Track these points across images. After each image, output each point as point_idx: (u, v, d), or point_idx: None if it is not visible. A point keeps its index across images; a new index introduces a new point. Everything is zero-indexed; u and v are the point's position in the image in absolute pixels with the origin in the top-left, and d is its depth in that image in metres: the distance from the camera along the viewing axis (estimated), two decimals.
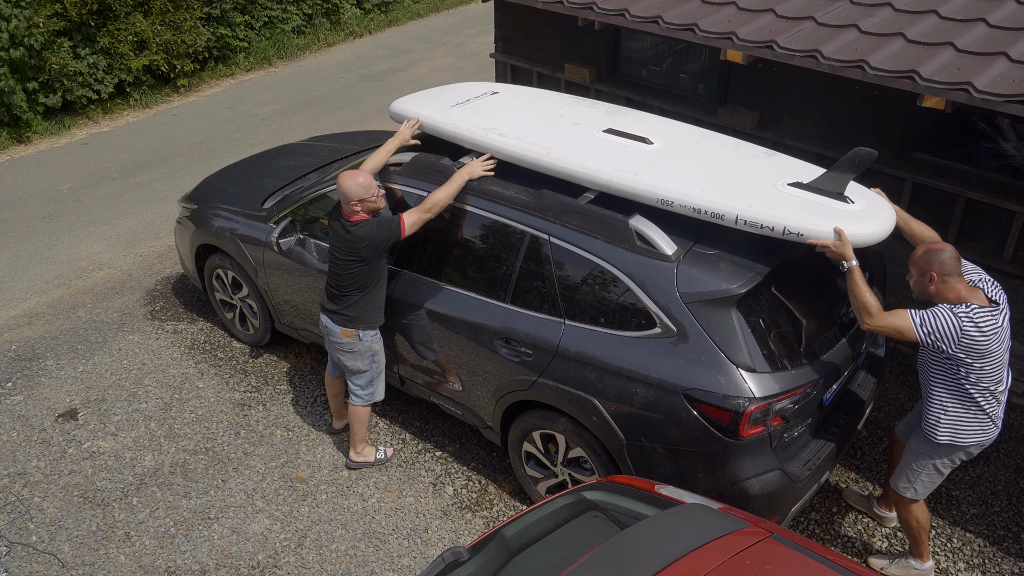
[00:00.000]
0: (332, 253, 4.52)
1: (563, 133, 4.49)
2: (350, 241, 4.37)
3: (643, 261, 3.93)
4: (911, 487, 4.00)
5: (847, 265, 3.67)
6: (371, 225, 4.35)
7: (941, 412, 3.76)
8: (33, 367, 6.04)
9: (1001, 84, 4.11)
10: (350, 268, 4.43)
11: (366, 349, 4.66)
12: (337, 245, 4.45)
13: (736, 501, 3.82)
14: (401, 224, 4.33)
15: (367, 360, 4.71)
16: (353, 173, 4.40)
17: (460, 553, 3.15)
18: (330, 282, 4.57)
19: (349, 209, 4.37)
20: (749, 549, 2.66)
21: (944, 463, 3.91)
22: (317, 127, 9.95)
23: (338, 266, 4.47)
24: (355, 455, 5.06)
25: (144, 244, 7.63)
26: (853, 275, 3.67)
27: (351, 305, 4.53)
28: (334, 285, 4.54)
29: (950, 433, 3.77)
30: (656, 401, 3.86)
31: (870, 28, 4.79)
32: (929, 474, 3.95)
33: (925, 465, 3.93)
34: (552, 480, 4.62)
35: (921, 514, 4.09)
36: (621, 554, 2.62)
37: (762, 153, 4.41)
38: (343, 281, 4.48)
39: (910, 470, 3.98)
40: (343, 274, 4.46)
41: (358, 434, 4.98)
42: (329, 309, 4.61)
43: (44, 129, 9.99)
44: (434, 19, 14.49)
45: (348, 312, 4.55)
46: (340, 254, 4.44)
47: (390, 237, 4.34)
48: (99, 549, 4.61)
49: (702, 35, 5.16)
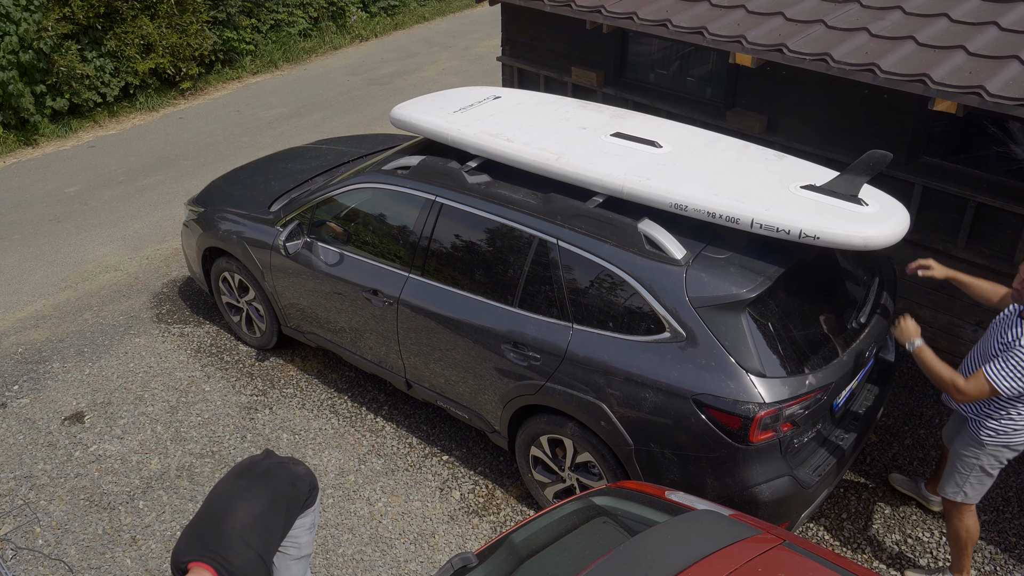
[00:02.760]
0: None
1: (571, 138, 4.47)
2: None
3: (652, 265, 3.91)
4: (960, 491, 3.90)
5: (913, 345, 3.64)
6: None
7: (986, 411, 3.70)
8: (39, 370, 6.04)
9: (1013, 88, 4.08)
10: None
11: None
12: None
13: (746, 507, 3.79)
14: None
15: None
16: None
17: (469, 559, 3.12)
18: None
19: None
20: (761, 556, 2.64)
21: (992, 464, 3.81)
22: (323, 130, 9.95)
23: None
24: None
25: (151, 247, 7.63)
26: (923, 356, 3.64)
27: None
28: None
29: (996, 432, 3.70)
30: (665, 406, 3.84)
31: (881, 32, 4.76)
32: (978, 476, 3.85)
33: (972, 467, 3.84)
34: (560, 485, 4.60)
35: (972, 523, 3.96)
36: (632, 561, 2.59)
37: (772, 156, 4.39)
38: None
39: (957, 474, 3.89)
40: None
41: None
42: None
43: (51, 132, 10.01)
44: (440, 23, 14.50)
45: None
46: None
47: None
48: (105, 553, 4.60)
49: (711, 38, 5.14)
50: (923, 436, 5.16)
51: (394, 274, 4.84)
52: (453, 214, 4.57)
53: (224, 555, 2.94)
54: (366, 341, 5.16)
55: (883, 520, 4.66)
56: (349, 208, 5.07)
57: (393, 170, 4.88)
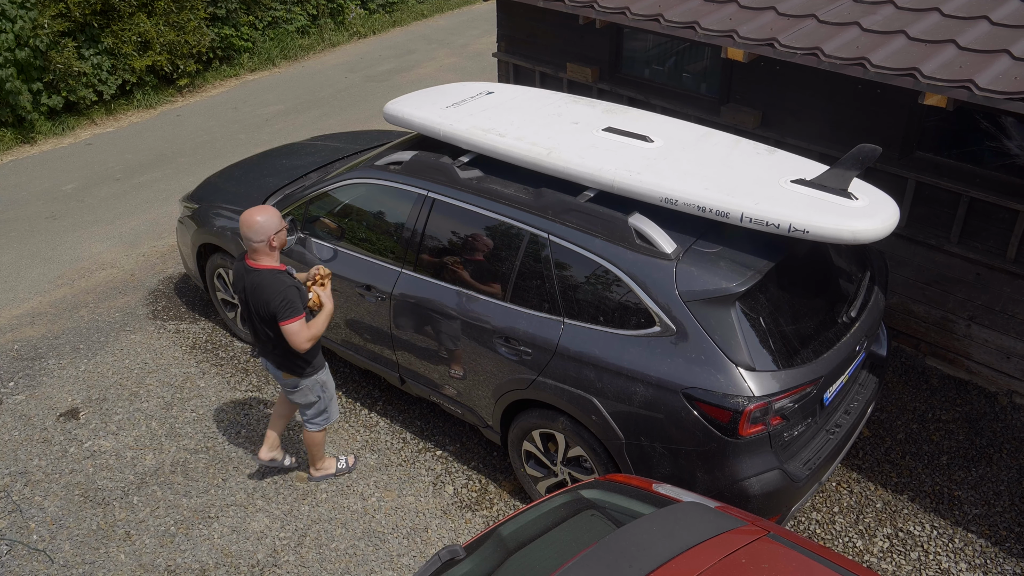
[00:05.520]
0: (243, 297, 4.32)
1: (563, 133, 4.48)
2: (253, 287, 4.17)
3: (642, 260, 3.92)
4: None
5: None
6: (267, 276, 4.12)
7: None
8: (35, 366, 6.05)
9: (1003, 82, 4.08)
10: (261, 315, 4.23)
11: (313, 384, 4.48)
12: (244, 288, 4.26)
13: (735, 500, 3.80)
14: (292, 320, 4.08)
15: (316, 393, 4.53)
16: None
17: (456, 551, 3.13)
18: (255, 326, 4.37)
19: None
20: (745, 548, 2.65)
21: None
22: (321, 127, 9.96)
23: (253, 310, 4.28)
24: (315, 471, 4.96)
25: (147, 244, 7.64)
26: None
27: (281, 351, 4.32)
28: (259, 329, 4.35)
29: None
30: (655, 400, 3.85)
31: (871, 26, 4.76)
32: None
33: None
34: (552, 479, 4.61)
35: None
36: (616, 552, 2.60)
37: (763, 151, 4.39)
38: (262, 326, 4.29)
39: None
40: (258, 320, 4.28)
41: (316, 455, 4.86)
42: (264, 352, 4.45)
43: (48, 130, 10.02)
44: (438, 19, 14.49)
45: (280, 356, 4.35)
46: (249, 297, 4.25)
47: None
48: (99, 548, 4.61)
49: (703, 33, 5.14)
50: (915, 431, 5.17)
51: (387, 269, 4.85)
52: (445, 209, 4.57)
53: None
54: (360, 336, 5.17)
55: (875, 514, 4.67)
56: (342, 204, 5.07)
57: (385, 165, 4.89)
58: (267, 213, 4.09)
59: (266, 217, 4.08)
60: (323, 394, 4.57)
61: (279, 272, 4.14)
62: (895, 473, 4.91)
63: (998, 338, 5.25)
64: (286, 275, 4.15)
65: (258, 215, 4.07)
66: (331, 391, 4.63)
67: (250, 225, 4.06)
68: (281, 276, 4.11)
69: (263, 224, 4.06)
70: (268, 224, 4.08)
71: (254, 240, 4.08)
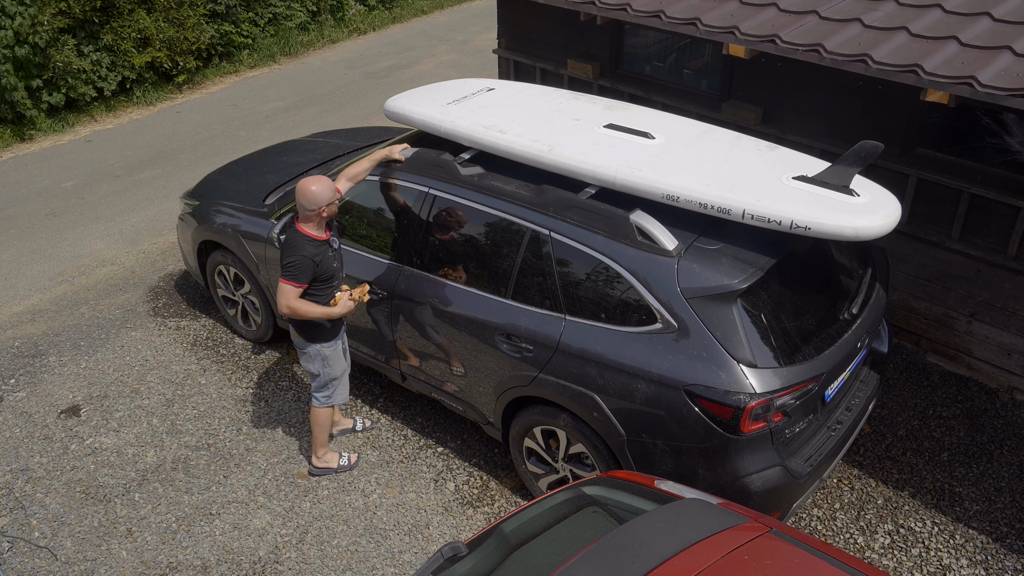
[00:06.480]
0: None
1: (564, 129, 4.47)
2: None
3: (644, 256, 3.92)
4: None
5: None
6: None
7: None
8: (36, 364, 6.05)
9: (1005, 78, 4.08)
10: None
11: (315, 353, 4.62)
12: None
13: (737, 497, 3.80)
14: (287, 282, 4.29)
15: (317, 365, 4.66)
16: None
17: (459, 548, 3.14)
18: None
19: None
20: (747, 544, 2.65)
21: None
22: (321, 124, 9.95)
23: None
24: (317, 461, 5.00)
25: (147, 241, 7.64)
26: None
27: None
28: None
29: None
30: (657, 397, 3.85)
31: (873, 22, 4.76)
32: None
33: None
34: (553, 476, 4.61)
35: None
36: (619, 549, 2.61)
37: (764, 147, 4.39)
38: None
39: None
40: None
41: (318, 438, 4.92)
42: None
43: (48, 127, 10.01)
44: (439, 16, 14.48)
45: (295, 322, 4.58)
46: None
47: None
48: (101, 545, 4.62)
49: (704, 29, 5.14)
50: (916, 427, 5.17)
51: (388, 266, 4.85)
52: (446, 206, 4.57)
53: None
54: (361, 333, 5.17)
55: (876, 510, 4.67)
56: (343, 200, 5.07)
57: (386, 162, 4.88)
58: (322, 183, 4.28)
59: (320, 187, 4.25)
60: (324, 369, 4.68)
61: (311, 240, 4.31)
62: (896, 469, 4.91)
63: (999, 335, 5.25)
64: (315, 244, 4.31)
65: (313, 184, 4.26)
66: (336, 372, 4.73)
67: (304, 194, 4.25)
68: (309, 244, 4.29)
69: (317, 194, 4.24)
70: (321, 195, 4.25)
71: (307, 208, 4.27)
